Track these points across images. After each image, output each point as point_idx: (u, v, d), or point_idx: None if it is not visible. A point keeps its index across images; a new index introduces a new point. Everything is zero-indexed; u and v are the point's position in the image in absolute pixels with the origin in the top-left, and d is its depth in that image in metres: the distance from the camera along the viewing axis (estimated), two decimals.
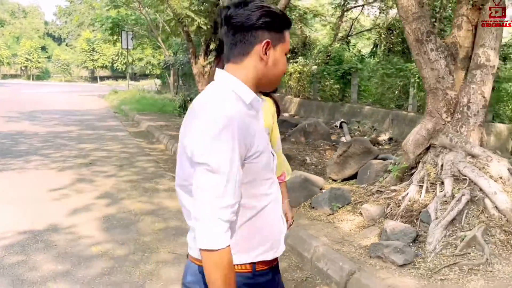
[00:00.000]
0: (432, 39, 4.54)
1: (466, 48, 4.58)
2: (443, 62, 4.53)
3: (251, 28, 1.36)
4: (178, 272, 3.70)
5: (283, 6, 9.74)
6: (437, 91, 4.58)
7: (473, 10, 4.51)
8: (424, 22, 4.54)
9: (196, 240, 1.31)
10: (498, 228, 3.76)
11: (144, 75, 40.59)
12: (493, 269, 3.42)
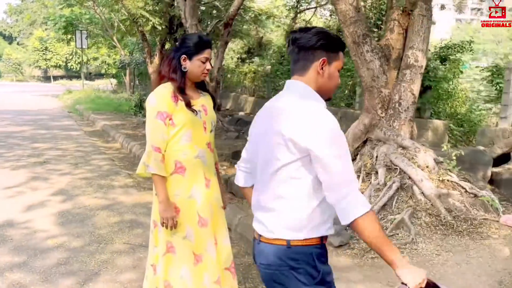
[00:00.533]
0: (368, 41, 4.93)
1: (398, 50, 5.01)
2: (378, 62, 4.93)
3: (311, 48, 1.67)
4: (133, 261, 3.91)
5: (236, 8, 10.05)
6: (373, 89, 4.98)
7: (403, 15, 4.94)
8: (361, 26, 4.92)
9: (350, 213, 1.54)
10: (424, 211, 4.18)
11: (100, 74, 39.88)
12: (417, 247, 3.83)
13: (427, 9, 4.88)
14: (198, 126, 2.53)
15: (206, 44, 2.52)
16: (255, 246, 1.78)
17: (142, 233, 4.52)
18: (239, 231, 4.45)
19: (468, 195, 4.37)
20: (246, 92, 15.90)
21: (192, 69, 2.50)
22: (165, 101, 2.45)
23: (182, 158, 2.50)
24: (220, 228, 2.66)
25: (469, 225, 4.09)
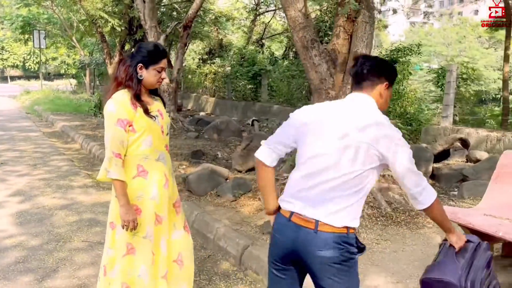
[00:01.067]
0: (316, 46, 5.19)
1: (343, 54, 5.28)
2: (325, 66, 5.20)
3: (381, 74, 2.05)
4: (91, 257, 4.01)
5: (195, 10, 10.17)
6: (321, 90, 5.24)
7: (348, 22, 5.22)
8: (309, 31, 5.17)
9: (426, 201, 1.93)
10: (366, 204, 4.47)
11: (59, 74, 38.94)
12: (360, 237, 4.08)
13: (370, 17, 5.18)
14: (156, 131, 2.61)
15: (163, 53, 2.59)
16: (307, 234, 1.93)
17: (101, 231, 4.61)
18: (196, 227, 4.61)
19: None
20: (207, 92, 16.02)
21: (148, 77, 2.56)
22: (125, 108, 2.49)
23: (144, 162, 2.58)
24: (171, 224, 2.77)
25: (407, 216, 4.41)
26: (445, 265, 2.15)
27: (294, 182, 2.03)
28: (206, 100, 15.58)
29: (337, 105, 2.05)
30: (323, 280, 1.95)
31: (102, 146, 8.71)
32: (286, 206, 2.02)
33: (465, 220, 3.08)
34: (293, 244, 1.96)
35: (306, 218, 1.93)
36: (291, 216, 1.97)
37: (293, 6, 5.12)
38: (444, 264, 2.16)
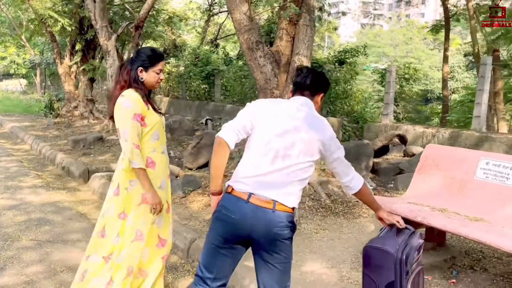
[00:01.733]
0: (260, 47, 5.39)
1: (287, 56, 5.51)
2: (270, 67, 5.40)
3: (320, 87, 2.39)
4: (39, 255, 4.02)
5: (146, 11, 10.15)
6: (266, 90, 5.44)
7: (290, 25, 5.45)
8: (254, 33, 5.36)
9: (356, 186, 2.37)
10: (307, 197, 4.71)
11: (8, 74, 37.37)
12: (300, 227, 4.33)
13: (310, 20, 5.43)
14: (162, 126, 2.85)
15: (159, 56, 2.81)
16: (266, 213, 2.14)
17: (50, 229, 4.61)
18: None
19: None
20: (160, 92, 15.96)
21: (148, 79, 2.76)
22: (140, 104, 2.68)
23: (153, 155, 2.78)
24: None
25: (345, 207, 4.69)
26: (386, 239, 2.54)
27: (251, 165, 2.21)
28: (160, 99, 15.53)
29: (288, 104, 2.31)
30: (272, 256, 2.19)
31: (53, 147, 8.59)
32: (242, 187, 2.17)
33: (390, 208, 3.34)
34: (251, 223, 2.13)
35: (265, 199, 2.12)
36: (250, 197, 2.13)
37: (238, 9, 5.29)
38: (385, 238, 2.55)
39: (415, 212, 3.17)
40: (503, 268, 3.41)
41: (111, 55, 9.97)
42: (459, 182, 3.45)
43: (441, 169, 3.62)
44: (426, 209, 3.31)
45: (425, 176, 3.72)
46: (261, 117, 2.24)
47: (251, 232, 2.15)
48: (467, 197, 3.34)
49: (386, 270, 2.48)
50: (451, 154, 3.62)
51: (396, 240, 2.57)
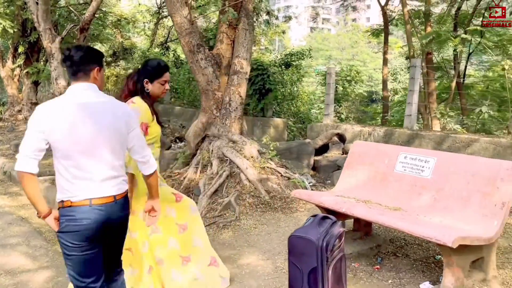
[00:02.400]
0: (202, 50, 5.48)
1: (227, 58, 5.64)
2: (211, 69, 5.51)
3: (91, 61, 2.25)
4: None
5: (91, 13, 9.98)
6: (208, 92, 5.55)
7: (230, 29, 5.59)
8: (195, 37, 5.45)
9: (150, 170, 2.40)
10: (248, 194, 4.85)
11: None
12: (240, 223, 4.47)
13: (250, 24, 5.58)
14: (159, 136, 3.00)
15: (165, 68, 2.91)
16: (110, 207, 2.21)
17: None
18: None
19: (283, 179, 5.16)
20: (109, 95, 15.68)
21: (153, 90, 2.88)
22: (147, 114, 2.82)
23: None
24: None
25: (283, 203, 4.86)
26: (309, 228, 2.73)
27: (70, 174, 2.17)
28: None
29: (74, 99, 2.19)
30: (118, 238, 2.38)
31: None
32: (80, 195, 2.16)
33: (318, 201, 3.55)
34: (102, 221, 2.18)
35: (105, 197, 2.19)
36: (91, 202, 2.16)
37: (178, 12, 5.37)
38: (308, 228, 2.75)
39: (340, 203, 3.37)
40: (422, 253, 3.67)
41: (55, 58, 9.72)
42: (381, 175, 3.69)
43: (366, 164, 3.85)
44: (351, 201, 3.52)
45: (352, 171, 3.95)
46: (57, 126, 2.12)
47: (104, 227, 2.21)
48: (388, 188, 3.58)
49: (309, 257, 2.66)
50: (374, 150, 3.86)
51: (318, 229, 2.75)
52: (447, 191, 3.19)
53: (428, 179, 3.34)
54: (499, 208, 2.85)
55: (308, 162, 6.94)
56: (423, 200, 3.30)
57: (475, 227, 2.89)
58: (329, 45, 37.90)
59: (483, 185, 2.99)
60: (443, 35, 9.87)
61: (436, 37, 10.09)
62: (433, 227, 2.84)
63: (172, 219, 3.08)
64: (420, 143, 6.67)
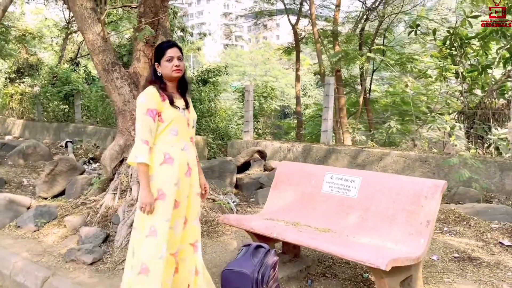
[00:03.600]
0: (117, 69, 5.09)
1: (145, 77, 5.28)
2: (128, 88, 5.13)
3: None
4: None
5: None
6: (125, 112, 5.15)
7: (147, 46, 5.26)
8: (109, 54, 5.05)
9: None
10: None
11: None
12: None
13: None
14: (183, 122, 2.75)
15: (166, 45, 2.77)
16: None
17: None
18: None
19: (208, 201, 4.91)
20: (13, 114, 14.34)
21: (163, 70, 2.74)
22: (154, 99, 2.66)
23: (170, 150, 2.72)
24: (192, 210, 2.87)
25: (209, 226, 4.60)
26: (242, 261, 2.60)
27: None
28: (13, 122, 13.94)
29: None
30: None
31: None
32: None
33: (248, 226, 3.36)
34: None
35: None
36: None
37: (90, 29, 4.95)
38: (242, 260, 2.62)
39: (271, 228, 3.21)
40: (350, 272, 3.62)
41: None
42: (308, 195, 3.60)
43: (293, 184, 3.74)
44: (281, 224, 3.38)
45: (280, 192, 3.82)
46: None
47: None
48: (316, 209, 3.50)
49: None
50: (301, 170, 3.77)
51: (252, 261, 2.57)
52: (373, 210, 3.16)
53: (354, 198, 3.30)
54: (424, 226, 2.86)
55: (230, 180, 6.76)
56: (351, 220, 3.25)
57: (403, 246, 2.87)
58: (243, 61, 38.37)
59: (408, 203, 3.00)
60: (351, 54, 10.30)
61: (344, 55, 10.51)
62: (364, 250, 2.77)
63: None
64: (337, 157, 6.79)
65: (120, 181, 5.02)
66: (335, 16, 12.34)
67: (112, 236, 4.39)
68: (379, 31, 11.85)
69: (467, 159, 4.80)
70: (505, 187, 5.23)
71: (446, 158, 5.77)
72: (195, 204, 2.94)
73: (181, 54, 2.79)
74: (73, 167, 5.89)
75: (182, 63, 2.77)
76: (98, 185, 5.31)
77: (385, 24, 11.92)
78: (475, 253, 3.75)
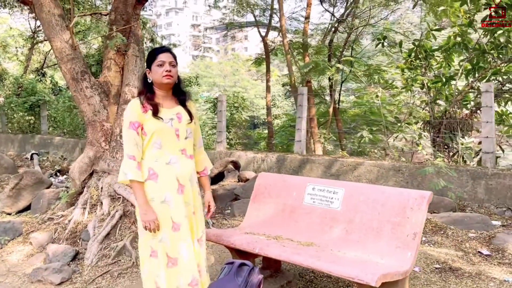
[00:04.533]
0: (87, 78, 4.82)
1: (116, 86, 5.03)
2: (98, 98, 4.86)
3: None
4: None
5: None
6: (95, 123, 4.87)
7: (119, 55, 5.01)
8: (78, 63, 4.77)
9: None
10: None
11: None
12: (138, 270, 3.84)
13: (140, 50, 5.07)
14: (168, 133, 2.51)
15: (157, 50, 2.56)
16: None
17: None
18: None
19: None
20: None
21: (154, 76, 2.53)
22: (135, 111, 2.48)
23: (154, 165, 2.50)
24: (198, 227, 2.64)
25: None
26: (226, 281, 2.41)
27: None
28: None
29: None
30: None
31: None
32: None
33: (228, 242, 3.16)
34: None
35: None
36: None
37: (58, 36, 4.67)
38: (226, 280, 2.42)
39: (252, 243, 3.02)
40: (332, 286, 3.47)
41: None
42: (290, 208, 3.43)
43: (273, 197, 3.57)
44: (262, 239, 3.19)
45: (259, 205, 3.63)
46: None
47: None
48: (298, 222, 3.33)
49: None
50: (281, 181, 3.60)
51: (236, 280, 2.38)
52: (358, 222, 3.03)
53: (338, 210, 3.16)
54: (411, 239, 2.74)
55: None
56: (334, 233, 3.10)
57: (390, 260, 2.74)
58: (212, 72, 38.12)
59: (393, 215, 2.87)
60: (321, 64, 10.30)
61: (315, 66, 10.49)
62: (351, 265, 2.62)
63: None
64: (311, 167, 6.68)
65: (90, 195, 4.73)
66: (305, 28, 12.36)
67: (82, 254, 4.09)
68: (348, 42, 11.93)
69: (442, 168, 4.77)
70: (477, 195, 5.23)
71: (420, 167, 5.75)
72: (199, 224, 2.67)
73: (175, 61, 2.58)
74: (39, 180, 5.52)
75: (174, 69, 2.56)
76: (66, 199, 4.98)
77: (353, 36, 12.02)
78: (456, 264, 3.67)
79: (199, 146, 2.79)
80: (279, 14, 12.96)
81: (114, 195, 4.56)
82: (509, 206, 5.00)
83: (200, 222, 2.69)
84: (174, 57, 2.59)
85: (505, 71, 7.70)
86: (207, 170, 2.86)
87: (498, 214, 4.96)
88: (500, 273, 3.45)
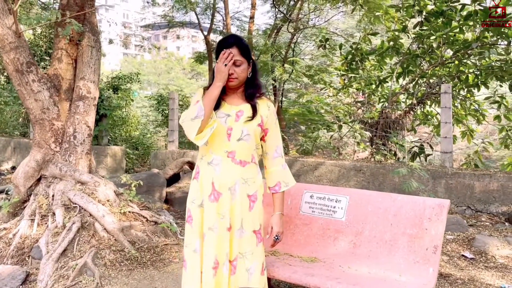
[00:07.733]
0: (33, 70, 3.99)
1: (68, 80, 4.24)
2: (47, 93, 4.05)
3: None
4: None
5: None
6: (44, 121, 4.06)
7: (71, 45, 4.22)
8: (23, 53, 3.93)
9: None
10: (107, 249, 3.58)
11: None
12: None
13: (96, 41, 4.32)
14: (218, 132, 2.07)
15: (220, 44, 2.10)
16: None
17: None
18: None
19: (149, 224, 4.02)
20: None
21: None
22: (201, 97, 2.07)
23: (200, 163, 2.18)
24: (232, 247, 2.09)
25: (152, 254, 3.73)
26: None
27: None
28: None
29: None
30: None
31: None
32: None
33: None
34: None
35: None
36: None
37: (0, 21, 3.79)
38: None
39: None
40: None
41: None
42: (285, 218, 2.97)
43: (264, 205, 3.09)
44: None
45: None
46: None
47: None
48: (296, 234, 2.89)
49: None
50: None
51: None
52: (367, 235, 2.65)
53: (342, 221, 2.76)
54: (431, 253, 2.41)
55: (160, 195, 5.88)
56: (340, 247, 2.70)
57: (410, 277, 2.39)
58: (146, 70, 36.45)
59: (408, 227, 2.53)
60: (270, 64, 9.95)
61: (263, 66, 10.12)
62: (370, 284, 2.22)
63: None
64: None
65: (38, 204, 3.92)
66: (250, 27, 11.93)
67: (33, 275, 3.31)
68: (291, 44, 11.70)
69: (416, 169, 4.60)
70: (438, 194, 5.14)
71: (380, 167, 5.57)
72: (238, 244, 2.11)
73: (242, 57, 2.07)
74: None
75: (239, 68, 2.07)
76: (8, 208, 4.11)
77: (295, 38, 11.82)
78: (445, 269, 3.44)
79: (273, 156, 2.29)
80: (223, 12, 12.41)
81: (68, 204, 3.80)
82: (469, 205, 4.96)
83: (241, 242, 2.13)
84: (242, 51, 2.08)
85: (431, 74, 7.87)
86: (280, 187, 2.30)
87: (459, 213, 4.89)
88: (492, 278, 3.27)
